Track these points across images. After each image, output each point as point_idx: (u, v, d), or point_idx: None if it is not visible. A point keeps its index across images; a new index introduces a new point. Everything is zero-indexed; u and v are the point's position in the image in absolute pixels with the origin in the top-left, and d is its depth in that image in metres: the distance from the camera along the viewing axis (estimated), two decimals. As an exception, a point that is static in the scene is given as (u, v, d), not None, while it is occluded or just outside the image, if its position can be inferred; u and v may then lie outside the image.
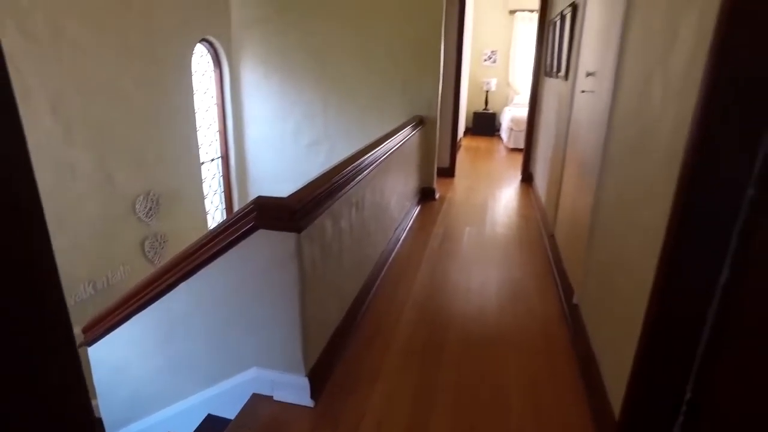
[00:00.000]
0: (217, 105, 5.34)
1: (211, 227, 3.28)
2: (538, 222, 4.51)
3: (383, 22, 4.88)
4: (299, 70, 5.17)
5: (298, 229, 1.82)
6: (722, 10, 1.16)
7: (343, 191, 2.35)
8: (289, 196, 1.85)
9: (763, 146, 1.15)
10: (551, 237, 3.78)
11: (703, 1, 1.29)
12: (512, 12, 9.57)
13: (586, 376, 2.21)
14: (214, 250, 1.95)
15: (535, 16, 6.38)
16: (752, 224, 1.20)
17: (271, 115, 5.38)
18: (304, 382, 2.03)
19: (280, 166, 5.47)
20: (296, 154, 5.38)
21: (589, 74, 2.79)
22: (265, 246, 1.87)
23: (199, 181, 4.89)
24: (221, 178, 5.52)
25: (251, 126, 5.47)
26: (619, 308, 1.85)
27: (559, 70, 4.11)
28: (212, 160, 5.34)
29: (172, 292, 2.12)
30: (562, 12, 4.12)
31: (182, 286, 2.09)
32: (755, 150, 1.17)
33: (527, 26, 9.38)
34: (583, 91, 2.95)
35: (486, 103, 9.99)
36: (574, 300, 2.69)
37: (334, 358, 2.34)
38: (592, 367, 2.11)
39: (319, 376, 2.13)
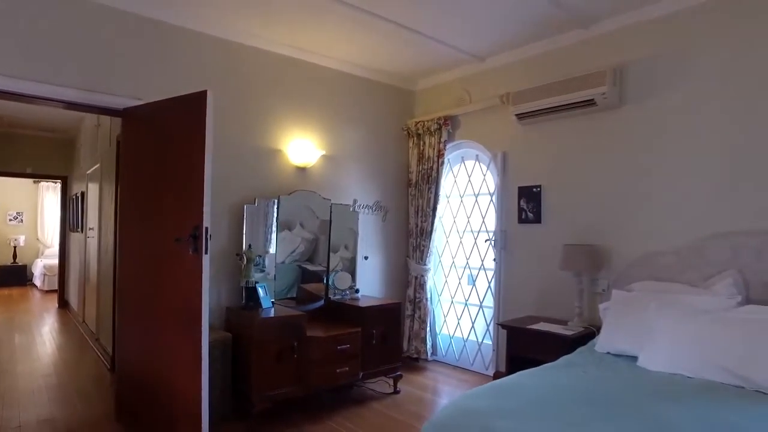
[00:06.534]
0: None
1: None
2: (75, 321, 6.79)
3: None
4: None
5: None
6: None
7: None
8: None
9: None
10: (83, 323, 6.22)
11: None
12: (36, 181, 11.53)
13: (109, 364, 4.85)
14: None
15: (59, 185, 8.87)
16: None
17: None
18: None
19: None
20: None
21: (91, 228, 5.70)
22: None
23: None
24: None
25: None
26: (108, 314, 4.67)
27: (78, 226, 6.83)
28: None
29: None
30: (76, 194, 6.95)
31: None
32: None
33: (54, 192, 11.54)
34: (88, 237, 5.81)
35: (15, 257, 11.20)
36: (96, 336, 5.29)
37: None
38: (105, 351, 4.79)
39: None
